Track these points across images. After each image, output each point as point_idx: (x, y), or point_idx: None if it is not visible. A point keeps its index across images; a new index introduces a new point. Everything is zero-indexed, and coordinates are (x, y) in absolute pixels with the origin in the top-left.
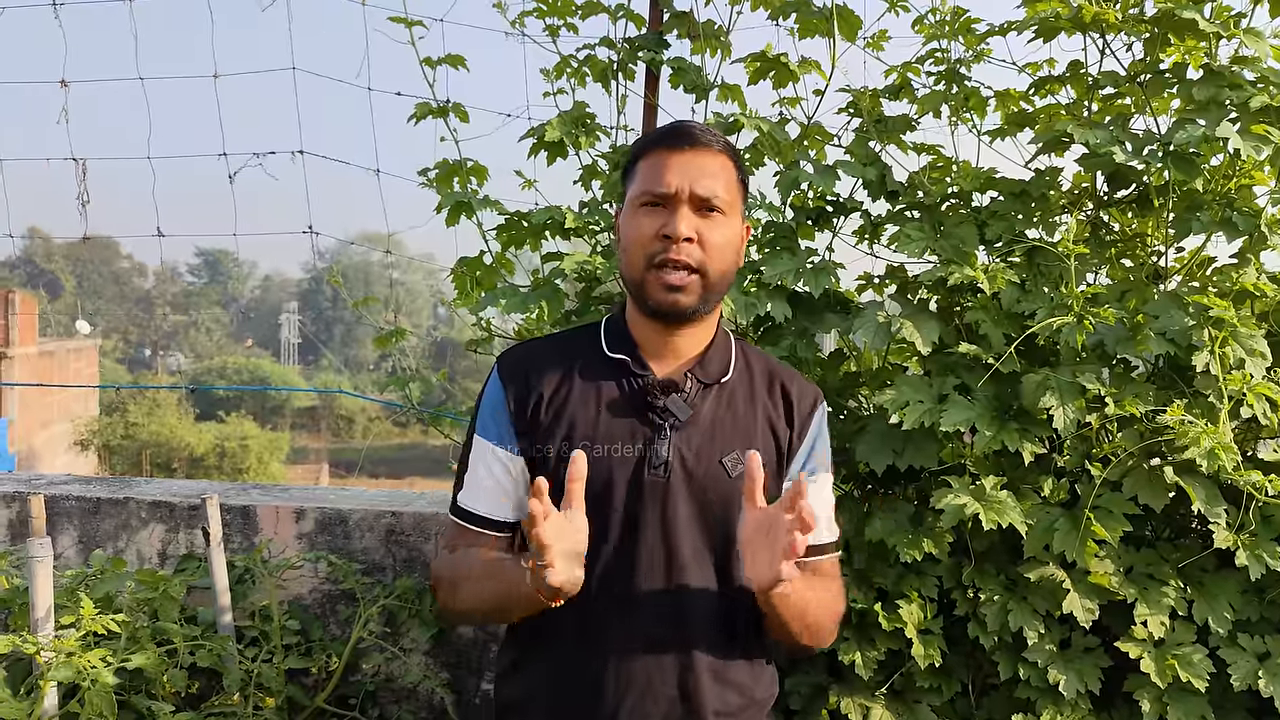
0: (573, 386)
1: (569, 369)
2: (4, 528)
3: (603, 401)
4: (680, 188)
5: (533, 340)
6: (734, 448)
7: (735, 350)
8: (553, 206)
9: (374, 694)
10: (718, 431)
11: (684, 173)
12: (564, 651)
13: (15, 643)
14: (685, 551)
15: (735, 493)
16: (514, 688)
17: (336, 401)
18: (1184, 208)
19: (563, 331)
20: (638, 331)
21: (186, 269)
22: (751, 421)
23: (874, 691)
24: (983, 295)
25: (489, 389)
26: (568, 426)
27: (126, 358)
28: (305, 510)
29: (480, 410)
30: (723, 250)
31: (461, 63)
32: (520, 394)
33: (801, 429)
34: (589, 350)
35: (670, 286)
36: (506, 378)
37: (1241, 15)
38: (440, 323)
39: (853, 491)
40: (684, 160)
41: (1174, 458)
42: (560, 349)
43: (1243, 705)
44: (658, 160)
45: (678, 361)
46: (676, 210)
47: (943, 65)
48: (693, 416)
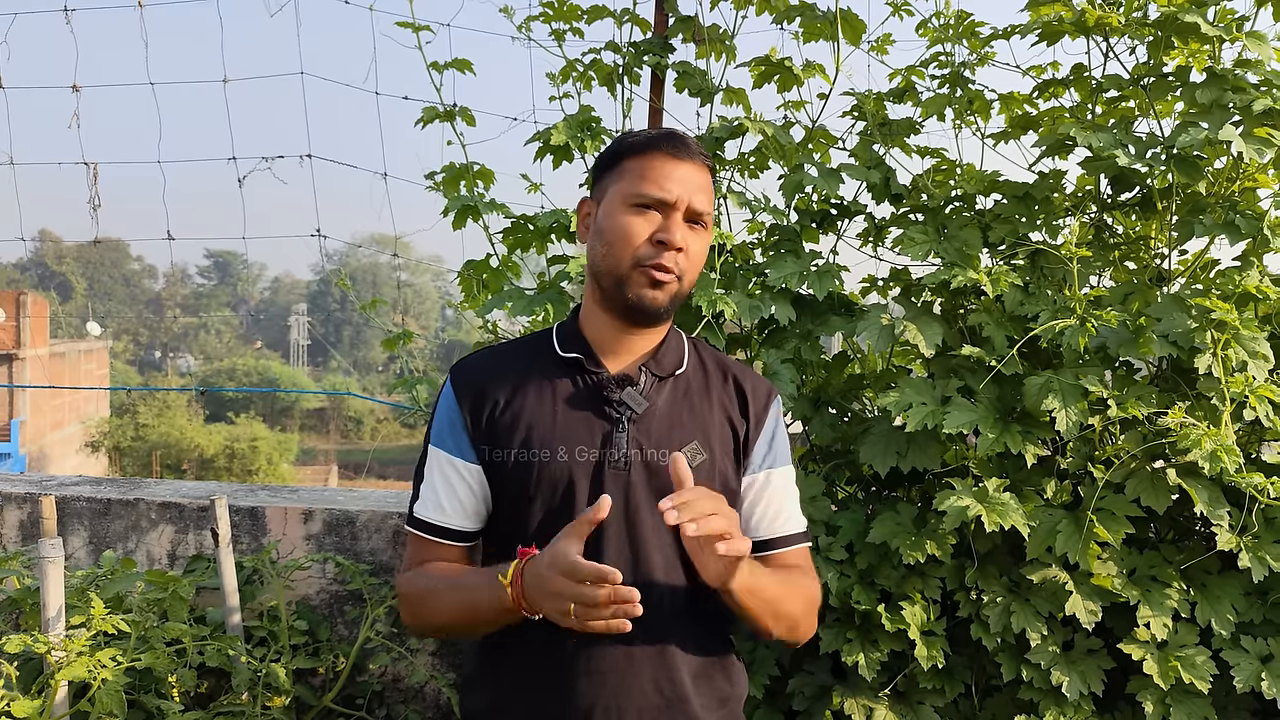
0: (527, 389)
1: (523, 373)
2: (15, 528)
3: (558, 400)
4: (680, 198)
5: (486, 349)
6: (693, 438)
7: (688, 345)
8: (558, 210)
9: (381, 694)
10: (675, 423)
11: (684, 184)
12: (531, 656)
13: (27, 642)
14: (650, 545)
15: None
16: (479, 697)
17: (345, 403)
18: (1187, 211)
19: (515, 339)
20: (593, 330)
21: (196, 271)
22: (708, 412)
23: (877, 692)
24: (986, 298)
25: (443, 400)
26: (525, 429)
27: (137, 359)
28: (313, 511)
29: (435, 421)
30: (701, 261)
31: (468, 67)
32: (475, 404)
33: (758, 422)
34: (541, 353)
35: (655, 283)
36: (460, 389)
37: (1245, 18)
38: (448, 324)
39: (856, 493)
40: (685, 171)
41: (1177, 460)
42: (512, 355)
43: (1245, 707)
44: (657, 165)
45: (631, 358)
46: (672, 218)
47: (947, 69)
48: (649, 409)
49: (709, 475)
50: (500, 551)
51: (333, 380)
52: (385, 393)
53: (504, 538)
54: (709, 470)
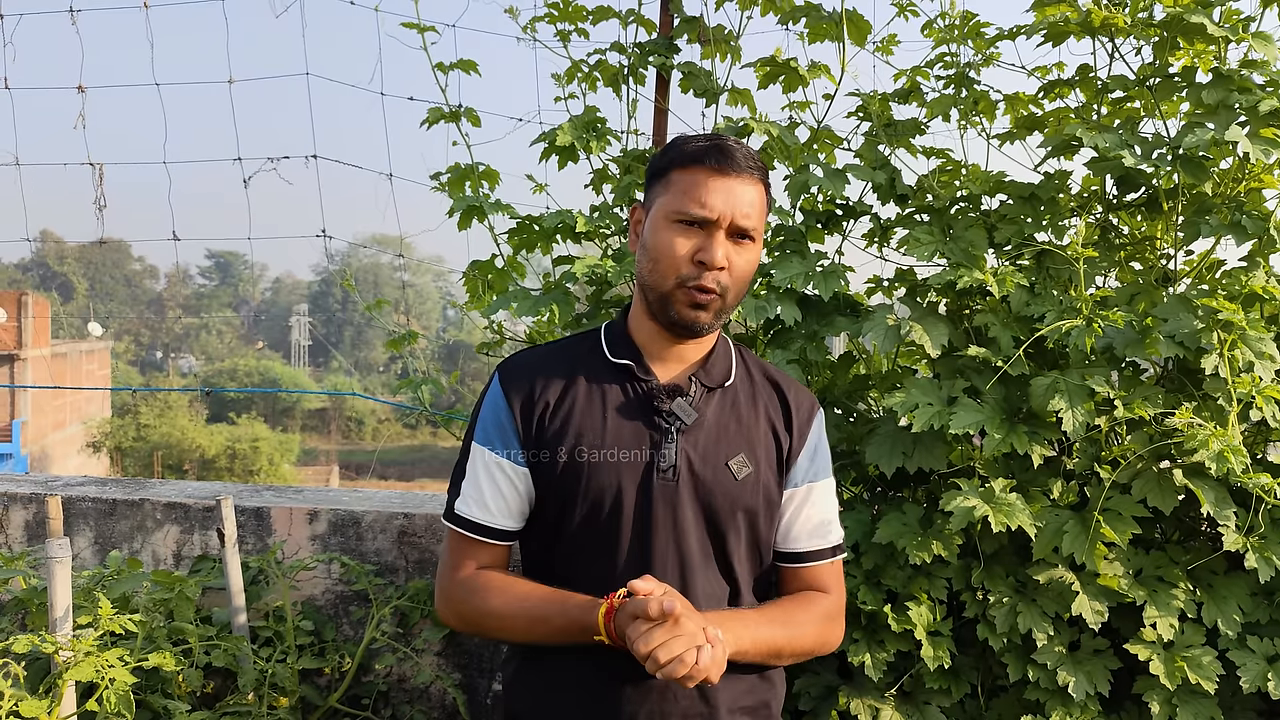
0: (577, 393)
1: (572, 376)
2: (21, 528)
3: (609, 407)
4: (722, 214)
5: (533, 348)
6: (739, 451)
7: (735, 355)
8: (564, 210)
9: (386, 694)
10: (722, 435)
11: (726, 199)
12: (578, 659)
13: (34, 642)
14: (695, 554)
15: (741, 495)
16: (526, 697)
17: (346, 403)
18: (1193, 211)
19: (563, 339)
20: (641, 336)
21: (198, 272)
22: (754, 424)
23: (883, 693)
24: (992, 298)
25: (491, 398)
26: (575, 433)
27: (138, 360)
28: (318, 512)
29: (481, 418)
30: (747, 275)
31: (473, 68)
32: (525, 404)
33: (801, 435)
34: (591, 356)
35: (696, 305)
36: (510, 388)
37: (1251, 19)
38: (450, 325)
39: (862, 494)
40: (727, 186)
41: (1183, 460)
42: (562, 356)
43: (1252, 707)
44: (699, 180)
45: (681, 366)
46: (714, 236)
47: (952, 69)
48: (698, 420)
49: (754, 487)
50: (540, 551)
51: (334, 381)
52: (387, 393)
53: (546, 539)
54: (754, 483)
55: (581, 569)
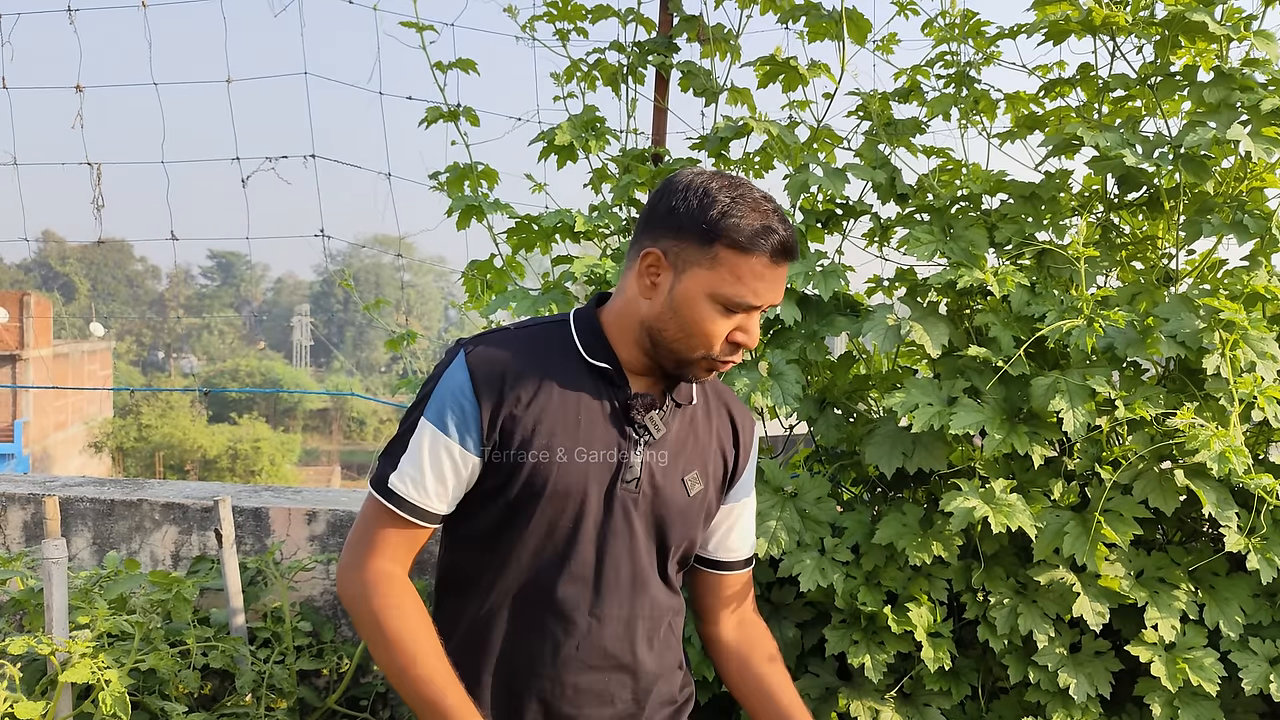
0: (551, 390)
1: (546, 373)
2: (19, 529)
3: (582, 410)
4: (768, 301)
5: (500, 332)
6: (695, 467)
7: None
8: (563, 210)
9: (384, 695)
10: (681, 450)
11: (774, 288)
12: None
13: (31, 643)
14: (644, 564)
15: (690, 510)
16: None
17: (348, 404)
18: (1195, 210)
19: (528, 325)
20: (624, 352)
21: (199, 272)
22: (709, 442)
23: (883, 694)
24: (992, 298)
25: (455, 382)
26: (547, 433)
27: (140, 360)
28: (317, 512)
29: (438, 396)
30: None
31: (472, 67)
32: (494, 399)
33: (745, 453)
34: (565, 353)
35: (712, 370)
36: (479, 380)
37: (1252, 17)
38: (451, 325)
39: (862, 494)
40: (779, 275)
41: (1184, 461)
42: (532, 348)
43: (1254, 709)
44: (756, 271)
45: (651, 379)
46: (753, 317)
47: (952, 68)
48: (664, 434)
49: (700, 504)
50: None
51: (336, 381)
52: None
53: (493, 537)
54: (701, 500)
55: (520, 568)
